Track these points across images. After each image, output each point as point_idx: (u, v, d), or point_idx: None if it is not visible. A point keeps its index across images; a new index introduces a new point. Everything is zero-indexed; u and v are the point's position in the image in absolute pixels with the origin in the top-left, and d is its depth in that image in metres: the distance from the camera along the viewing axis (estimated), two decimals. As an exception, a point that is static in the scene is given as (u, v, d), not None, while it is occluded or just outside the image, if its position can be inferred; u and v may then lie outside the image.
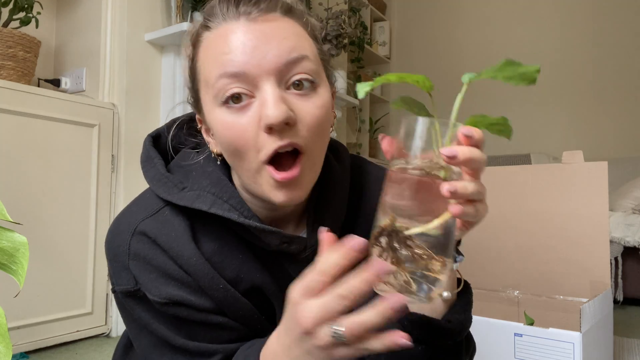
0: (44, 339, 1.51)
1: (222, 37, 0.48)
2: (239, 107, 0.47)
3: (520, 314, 1.41)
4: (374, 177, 0.64)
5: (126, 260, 0.52)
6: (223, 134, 0.48)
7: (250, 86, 0.47)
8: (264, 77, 0.46)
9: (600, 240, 1.30)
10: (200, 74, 0.51)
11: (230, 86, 0.47)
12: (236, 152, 0.48)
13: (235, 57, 0.46)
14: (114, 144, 1.77)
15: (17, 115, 1.48)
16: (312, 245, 0.54)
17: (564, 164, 1.38)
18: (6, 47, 1.55)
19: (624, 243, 2.15)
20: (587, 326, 1.00)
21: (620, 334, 1.72)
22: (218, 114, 0.48)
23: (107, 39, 1.81)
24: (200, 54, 0.51)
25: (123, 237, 0.53)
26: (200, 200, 0.51)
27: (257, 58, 0.46)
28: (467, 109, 1.92)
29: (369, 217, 0.60)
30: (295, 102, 0.48)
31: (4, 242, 0.39)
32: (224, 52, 0.47)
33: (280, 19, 0.49)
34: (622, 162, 2.74)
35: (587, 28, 3.14)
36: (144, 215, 0.53)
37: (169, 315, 0.52)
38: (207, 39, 0.50)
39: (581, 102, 3.14)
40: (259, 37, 0.47)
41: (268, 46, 0.47)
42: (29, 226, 1.49)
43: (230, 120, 0.47)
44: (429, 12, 3.77)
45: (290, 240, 0.53)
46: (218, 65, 0.47)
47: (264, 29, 0.47)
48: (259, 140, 0.47)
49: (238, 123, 0.47)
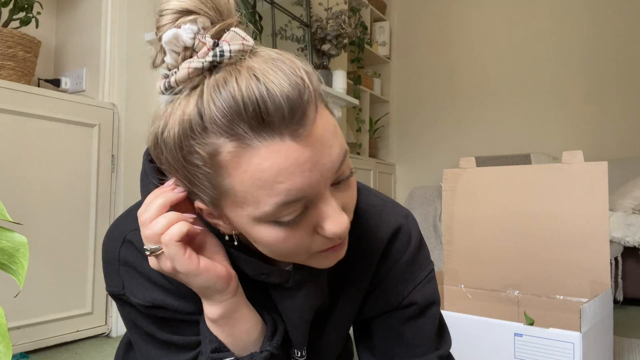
0: (44, 339, 1.51)
1: (268, 162, 0.40)
2: (294, 223, 0.43)
3: (520, 314, 1.41)
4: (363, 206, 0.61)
5: (117, 265, 0.55)
6: (274, 246, 0.45)
7: (307, 202, 0.43)
8: (324, 191, 0.43)
9: (600, 240, 1.30)
10: (228, 189, 0.43)
11: (289, 212, 0.42)
12: (287, 256, 0.47)
13: (294, 186, 0.41)
14: (114, 144, 1.77)
15: (17, 115, 1.48)
16: (297, 280, 0.53)
17: (564, 164, 1.38)
18: (6, 47, 1.55)
19: (624, 243, 2.15)
20: (587, 326, 1.00)
21: (620, 334, 1.72)
22: (263, 230, 0.44)
23: (107, 39, 1.81)
24: (229, 170, 0.41)
25: (115, 243, 0.56)
26: None
27: (315, 178, 0.41)
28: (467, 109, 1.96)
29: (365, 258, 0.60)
30: (340, 195, 0.46)
31: (4, 242, 0.39)
32: (278, 181, 0.40)
33: (318, 116, 0.42)
34: (622, 162, 2.74)
35: (586, 28, 3.14)
36: (133, 227, 0.54)
37: (153, 317, 0.56)
38: (241, 156, 0.40)
39: (581, 102, 3.14)
40: (313, 155, 0.41)
41: (323, 160, 0.42)
42: (29, 226, 1.49)
43: (283, 236, 0.44)
44: (429, 12, 3.77)
45: (269, 272, 0.51)
46: (271, 194, 0.41)
47: (314, 141, 0.41)
48: (316, 240, 0.46)
49: (293, 237, 0.44)
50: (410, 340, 0.62)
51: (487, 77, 3.46)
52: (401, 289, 0.61)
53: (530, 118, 3.30)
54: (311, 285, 0.54)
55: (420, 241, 0.63)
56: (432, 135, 3.70)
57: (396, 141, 3.90)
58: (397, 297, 0.61)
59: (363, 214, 0.60)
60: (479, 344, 1.08)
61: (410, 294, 0.61)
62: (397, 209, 0.63)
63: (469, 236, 1.54)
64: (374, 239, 0.60)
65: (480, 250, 1.51)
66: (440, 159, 3.63)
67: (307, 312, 0.55)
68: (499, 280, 1.47)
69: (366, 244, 0.60)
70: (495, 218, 1.49)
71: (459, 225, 1.57)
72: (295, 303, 0.54)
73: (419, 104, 3.77)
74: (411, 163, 3.81)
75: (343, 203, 0.46)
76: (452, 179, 1.59)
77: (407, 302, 0.61)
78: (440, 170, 3.50)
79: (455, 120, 3.58)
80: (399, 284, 0.61)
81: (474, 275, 1.52)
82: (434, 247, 2.63)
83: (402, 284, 0.61)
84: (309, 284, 0.54)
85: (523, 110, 3.32)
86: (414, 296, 0.61)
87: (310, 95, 0.41)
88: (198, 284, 0.47)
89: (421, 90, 3.77)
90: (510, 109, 3.37)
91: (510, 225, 1.46)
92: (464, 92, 3.55)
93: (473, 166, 1.56)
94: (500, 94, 3.41)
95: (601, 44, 3.09)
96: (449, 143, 3.61)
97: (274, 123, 0.39)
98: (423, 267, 0.63)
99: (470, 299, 1.52)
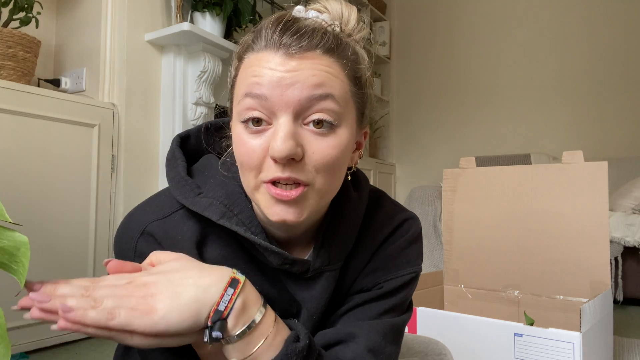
0: (44, 339, 1.51)
1: (258, 62, 0.50)
2: (255, 130, 0.50)
3: (520, 314, 1.41)
4: (384, 211, 0.64)
5: (132, 257, 0.54)
6: (236, 149, 0.52)
7: (269, 114, 0.49)
8: (283, 108, 0.48)
9: (600, 240, 1.30)
10: (235, 89, 0.54)
11: (253, 108, 0.49)
12: (242, 166, 0.51)
13: (262, 82, 0.49)
14: (114, 144, 1.77)
15: (17, 115, 1.48)
16: (315, 268, 0.56)
17: (564, 164, 1.38)
18: (6, 47, 1.55)
19: (624, 243, 2.15)
20: (587, 326, 1.01)
21: (620, 334, 1.72)
22: (237, 129, 0.51)
23: (107, 39, 1.81)
24: (240, 70, 0.53)
25: (131, 234, 0.54)
26: (210, 210, 0.53)
27: (280, 89, 0.48)
28: (467, 109, 1.96)
29: (368, 249, 0.61)
30: (310, 139, 0.49)
31: (5, 241, 0.39)
32: (254, 75, 0.49)
33: (317, 58, 0.50)
34: (622, 162, 2.74)
35: (587, 28, 3.14)
36: (155, 217, 0.55)
37: None
38: (248, 59, 0.52)
39: (581, 102, 3.14)
40: (289, 71, 0.48)
41: (294, 79, 0.48)
42: (29, 226, 1.49)
43: (245, 139, 0.50)
44: (429, 12, 3.77)
45: (292, 262, 0.54)
46: (246, 85, 0.50)
47: (297, 64, 0.49)
48: (265, 163, 0.49)
49: (250, 143, 0.50)
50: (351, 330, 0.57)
51: (487, 77, 3.46)
52: (380, 275, 0.60)
53: (530, 118, 3.30)
54: (327, 276, 0.57)
55: (418, 237, 0.64)
56: (432, 135, 3.70)
57: (396, 141, 3.90)
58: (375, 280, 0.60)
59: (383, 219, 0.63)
60: (479, 344, 1.08)
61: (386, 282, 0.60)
62: (407, 211, 0.66)
63: (469, 236, 1.54)
64: (380, 235, 0.62)
65: (480, 250, 1.51)
66: (440, 159, 3.63)
67: (323, 303, 0.57)
68: (499, 280, 1.47)
69: (374, 235, 0.62)
70: (495, 218, 1.49)
71: (459, 225, 1.57)
72: (313, 293, 0.56)
73: (419, 104, 3.77)
74: (411, 163, 3.81)
75: (309, 149, 0.49)
76: (452, 179, 1.59)
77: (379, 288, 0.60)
78: (440, 170, 3.50)
79: (455, 120, 3.58)
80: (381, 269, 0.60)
81: (474, 275, 1.52)
82: (434, 247, 2.63)
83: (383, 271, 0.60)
84: (325, 274, 0.56)
85: (523, 110, 3.32)
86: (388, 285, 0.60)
87: (323, 40, 0.50)
88: None
89: (421, 90, 3.77)
90: (510, 109, 3.37)
91: (510, 225, 1.46)
92: (464, 92, 3.55)
93: (473, 166, 1.56)
94: (500, 94, 3.41)
95: (601, 44, 3.09)
96: (449, 143, 3.61)
97: (275, 35, 0.49)
98: (411, 263, 0.62)
99: (470, 299, 1.52)
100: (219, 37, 1.98)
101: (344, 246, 0.59)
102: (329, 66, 0.50)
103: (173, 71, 1.95)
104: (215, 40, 1.93)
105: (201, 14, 1.99)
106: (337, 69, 0.51)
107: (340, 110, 0.50)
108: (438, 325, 1.15)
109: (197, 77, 1.96)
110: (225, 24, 2.07)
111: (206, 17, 1.99)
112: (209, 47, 1.95)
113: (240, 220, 0.53)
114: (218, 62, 2.01)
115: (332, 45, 0.50)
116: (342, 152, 0.51)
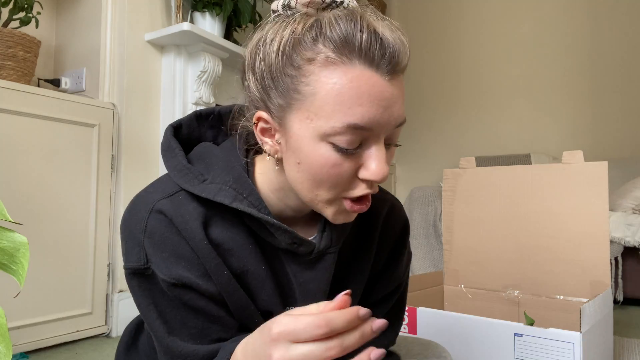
0: (44, 339, 1.51)
1: (357, 83, 0.46)
2: (348, 153, 0.48)
3: (520, 314, 1.41)
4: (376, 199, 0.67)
5: (141, 238, 0.53)
6: (320, 169, 0.49)
7: (365, 138, 0.49)
8: (382, 135, 0.49)
9: (600, 240, 1.30)
10: (309, 96, 0.48)
11: (352, 138, 0.47)
12: (323, 184, 0.50)
13: (368, 114, 0.46)
14: (114, 144, 1.77)
15: (17, 115, 1.48)
16: (320, 250, 0.58)
17: (564, 164, 1.38)
18: (6, 47, 1.55)
19: (624, 243, 2.15)
20: (587, 326, 1.01)
21: (620, 334, 1.72)
22: (320, 148, 0.48)
23: (107, 39, 1.81)
24: (320, 77, 0.47)
25: (141, 215, 0.54)
26: (222, 195, 0.54)
27: (385, 119, 0.48)
28: (467, 108, 1.96)
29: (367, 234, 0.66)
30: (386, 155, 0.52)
31: (4, 242, 0.39)
32: (358, 102, 0.46)
33: (400, 80, 0.50)
34: (622, 162, 2.74)
35: (587, 28, 3.14)
36: (161, 196, 0.55)
37: (169, 297, 0.54)
38: (337, 68, 0.46)
39: (581, 102, 3.14)
40: (390, 99, 0.48)
41: (393, 109, 0.48)
42: (29, 226, 1.49)
43: (334, 160, 0.48)
44: (429, 13, 3.77)
45: (300, 242, 0.56)
46: (346, 112, 0.46)
47: (394, 90, 0.48)
48: (353, 182, 0.50)
49: (341, 166, 0.48)
50: None
51: (487, 77, 3.46)
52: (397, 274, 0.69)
53: (530, 118, 3.30)
54: (328, 258, 0.59)
55: (407, 221, 0.72)
56: (432, 135, 3.70)
57: (396, 141, 3.90)
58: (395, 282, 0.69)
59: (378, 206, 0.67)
60: (479, 344, 1.08)
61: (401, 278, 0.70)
62: (389, 194, 0.71)
63: (469, 236, 1.54)
64: (376, 213, 0.66)
65: (480, 250, 1.51)
66: (440, 159, 3.63)
67: (324, 283, 0.59)
68: (499, 280, 1.47)
69: (369, 219, 0.66)
70: (495, 218, 1.49)
71: (459, 225, 1.57)
72: (315, 274, 0.58)
73: (419, 104, 3.77)
74: (411, 163, 3.81)
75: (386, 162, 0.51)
76: (452, 179, 1.59)
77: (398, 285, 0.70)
78: (440, 170, 3.50)
79: (455, 120, 3.58)
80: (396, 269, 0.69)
81: (474, 275, 1.52)
82: (433, 247, 2.63)
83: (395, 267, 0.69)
84: (326, 256, 0.59)
85: (523, 110, 3.32)
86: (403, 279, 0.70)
87: (406, 56, 0.50)
88: None
89: (421, 90, 3.77)
90: (510, 109, 3.37)
91: (510, 225, 1.46)
92: (464, 92, 3.55)
93: (473, 166, 1.56)
94: (501, 94, 3.41)
95: (601, 44, 3.09)
96: (449, 143, 3.61)
97: (375, 55, 0.46)
98: (407, 246, 0.71)
99: (470, 299, 1.52)
100: (219, 37, 1.98)
101: (344, 229, 0.61)
102: (403, 88, 0.51)
103: (173, 71, 1.95)
104: (215, 40, 1.93)
105: (201, 14, 1.99)
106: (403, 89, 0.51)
107: None
108: (438, 325, 1.15)
109: (197, 77, 1.96)
110: (225, 24, 2.07)
111: (206, 17, 1.99)
112: (209, 47, 1.95)
113: (251, 203, 0.54)
114: (218, 62, 2.01)
115: (406, 66, 0.51)
116: None
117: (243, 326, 0.58)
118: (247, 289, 0.57)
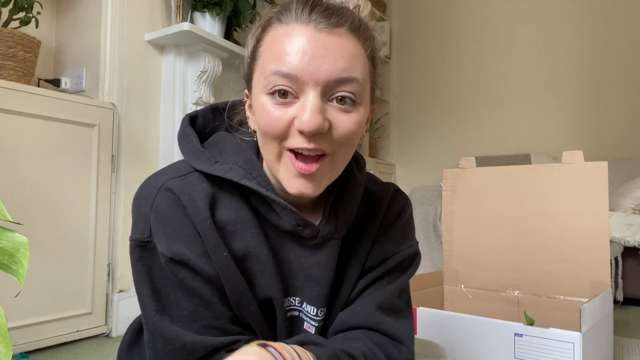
0: (44, 339, 1.51)
1: (288, 36, 0.52)
2: (282, 101, 0.52)
3: (520, 314, 1.41)
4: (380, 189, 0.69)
5: (148, 212, 0.56)
6: (261, 118, 0.54)
7: (297, 88, 0.52)
8: (312, 85, 0.51)
9: (600, 240, 1.30)
10: (259, 59, 0.56)
11: (280, 83, 0.51)
12: (266, 135, 0.54)
13: (293, 61, 0.51)
14: (114, 144, 1.77)
15: (17, 115, 1.48)
16: (323, 235, 0.59)
17: (564, 164, 1.38)
18: (6, 47, 1.55)
19: (624, 243, 2.15)
20: (587, 326, 1.01)
21: (620, 334, 1.72)
22: (262, 100, 0.53)
23: (107, 39, 1.81)
24: (265, 41, 0.55)
25: (150, 190, 0.57)
26: (232, 172, 0.57)
27: (311, 67, 0.51)
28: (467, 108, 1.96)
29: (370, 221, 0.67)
30: (334, 113, 0.53)
31: (4, 242, 0.39)
32: (285, 52, 0.51)
33: (344, 36, 0.53)
34: (622, 162, 2.74)
35: (587, 28, 3.14)
36: (172, 176, 0.58)
37: (166, 274, 0.55)
38: (275, 30, 0.54)
39: (581, 102, 3.14)
40: (319, 48, 0.51)
41: (324, 59, 0.51)
42: (29, 226, 1.49)
43: (270, 109, 0.52)
44: (429, 12, 3.77)
45: (305, 224, 0.58)
46: (276, 61, 0.52)
47: (326, 42, 0.51)
48: (289, 132, 0.53)
49: (275, 114, 0.52)
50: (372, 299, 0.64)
51: (487, 77, 3.46)
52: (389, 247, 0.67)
53: (530, 118, 3.30)
54: (332, 244, 0.61)
55: (411, 214, 0.72)
56: (432, 135, 3.70)
57: (396, 141, 3.90)
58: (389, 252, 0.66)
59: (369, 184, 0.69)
60: (479, 344, 1.08)
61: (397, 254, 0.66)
62: (392, 184, 0.73)
63: (469, 236, 1.54)
64: (379, 201, 0.68)
65: (480, 250, 1.51)
66: (440, 159, 3.63)
67: (329, 269, 0.61)
68: (499, 280, 1.47)
69: (373, 206, 0.68)
70: (495, 218, 1.49)
71: (459, 225, 1.57)
72: (319, 259, 0.60)
73: (419, 104, 3.77)
74: (411, 163, 3.81)
75: (334, 122, 0.53)
76: (452, 179, 1.59)
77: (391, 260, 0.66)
78: (440, 170, 3.50)
79: (455, 120, 3.58)
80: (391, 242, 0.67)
81: (474, 275, 1.52)
82: (433, 247, 2.62)
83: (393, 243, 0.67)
84: (330, 242, 0.61)
85: (523, 110, 3.32)
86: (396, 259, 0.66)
87: (345, 15, 0.53)
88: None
89: (421, 90, 3.77)
90: (510, 109, 3.37)
91: (510, 225, 1.46)
92: (464, 92, 3.55)
93: (473, 166, 1.56)
94: (501, 94, 3.41)
95: (601, 44, 3.09)
96: (449, 143, 3.61)
97: (310, 13, 0.52)
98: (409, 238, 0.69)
99: (470, 299, 1.52)
100: (219, 37, 1.98)
101: (349, 216, 0.63)
102: (354, 46, 0.53)
103: (173, 71, 1.95)
104: (215, 40, 1.93)
105: (201, 14, 1.99)
106: (360, 49, 0.54)
107: (361, 89, 0.54)
108: (438, 325, 1.15)
109: (197, 77, 1.96)
110: (225, 24, 2.07)
111: (206, 17, 1.99)
112: (209, 47, 1.95)
113: (259, 183, 0.57)
114: (218, 62, 2.01)
115: (357, 24, 0.54)
116: (361, 127, 0.55)
117: (236, 316, 0.58)
118: (247, 274, 0.58)
